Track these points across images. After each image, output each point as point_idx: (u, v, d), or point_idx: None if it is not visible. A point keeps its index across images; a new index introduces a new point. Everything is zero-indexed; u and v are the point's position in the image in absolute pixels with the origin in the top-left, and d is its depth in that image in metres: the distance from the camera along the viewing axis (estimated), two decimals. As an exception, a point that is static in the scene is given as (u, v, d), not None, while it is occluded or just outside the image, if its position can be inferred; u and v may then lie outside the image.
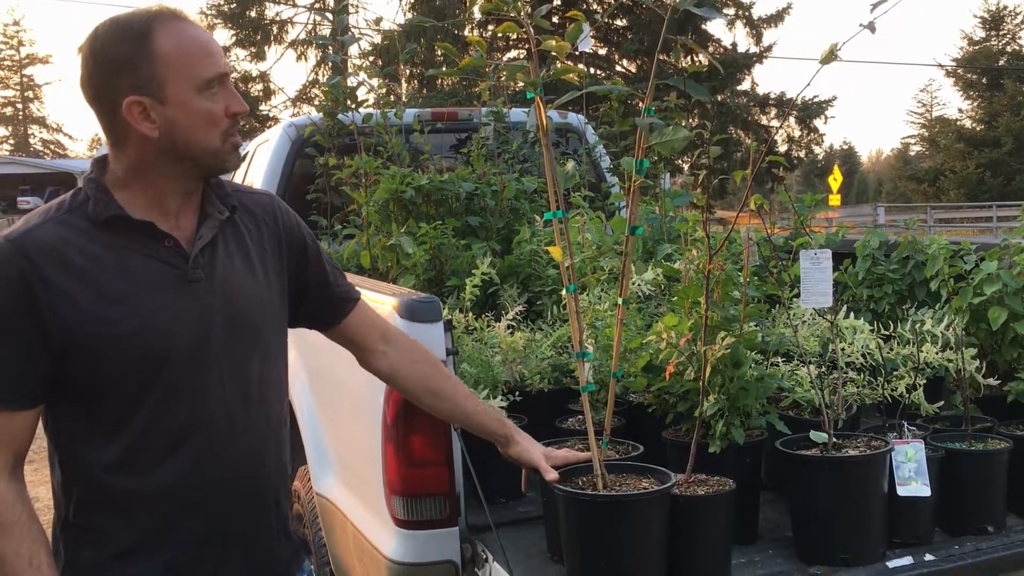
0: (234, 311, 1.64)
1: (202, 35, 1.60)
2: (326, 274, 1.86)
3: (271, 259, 1.74)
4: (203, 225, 1.64)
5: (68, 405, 1.58)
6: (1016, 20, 40.87)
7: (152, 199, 1.60)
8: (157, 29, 1.54)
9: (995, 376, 2.69)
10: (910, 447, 2.26)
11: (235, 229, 1.70)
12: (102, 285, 1.53)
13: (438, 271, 3.59)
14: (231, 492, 1.65)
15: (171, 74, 1.54)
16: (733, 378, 2.30)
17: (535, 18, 2.03)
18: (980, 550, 2.28)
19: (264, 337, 1.70)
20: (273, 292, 1.74)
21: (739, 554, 2.24)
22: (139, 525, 1.60)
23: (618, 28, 24.54)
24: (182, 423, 1.59)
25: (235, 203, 1.70)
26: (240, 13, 25.12)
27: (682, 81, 2.06)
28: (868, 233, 3.45)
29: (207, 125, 1.58)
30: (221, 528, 1.65)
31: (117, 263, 1.55)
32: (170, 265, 1.59)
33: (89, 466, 1.58)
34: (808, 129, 25.20)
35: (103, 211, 1.56)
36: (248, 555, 1.70)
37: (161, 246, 1.59)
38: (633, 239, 2.23)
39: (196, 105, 1.56)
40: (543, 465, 2.05)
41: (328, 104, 4.59)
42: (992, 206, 28.72)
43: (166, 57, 1.54)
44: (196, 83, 1.55)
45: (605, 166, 5.20)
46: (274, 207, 1.80)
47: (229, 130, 1.61)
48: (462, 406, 2.02)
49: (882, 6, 1.94)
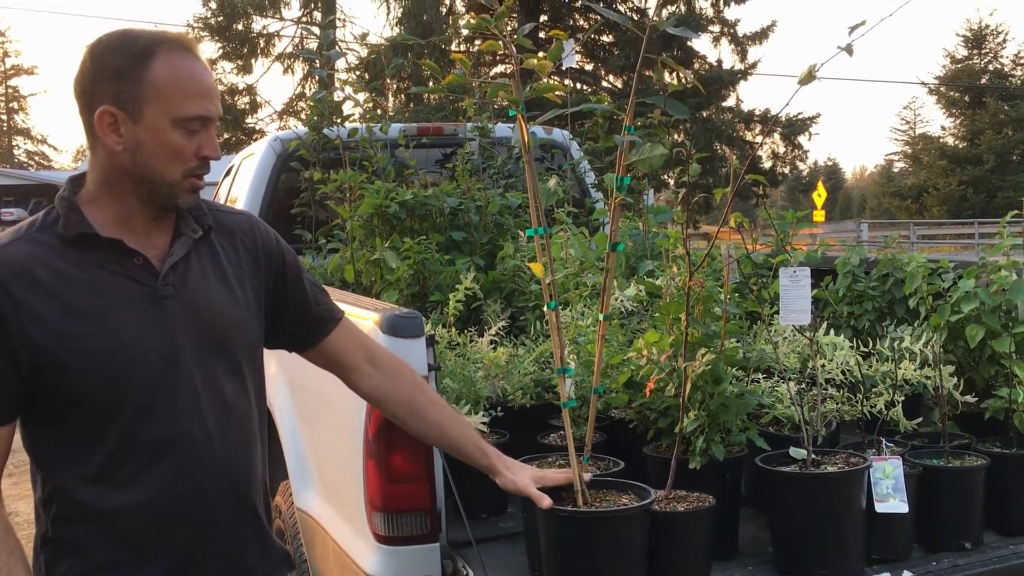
0: (205, 328, 1.64)
1: (202, 75, 1.60)
2: (306, 293, 1.85)
3: (248, 278, 1.74)
4: (175, 243, 1.65)
5: (43, 422, 1.58)
6: (998, 39, 41.35)
7: (121, 216, 1.61)
8: (160, 53, 1.56)
9: (973, 393, 2.71)
10: (888, 464, 2.27)
11: (210, 248, 1.70)
12: (70, 302, 1.54)
13: (421, 286, 3.60)
14: (209, 506, 1.65)
15: (154, 99, 1.55)
16: (713, 394, 2.32)
17: (518, 37, 2.04)
18: (957, 566, 2.30)
19: (237, 354, 1.70)
20: (249, 310, 1.73)
21: (719, 570, 2.24)
22: (117, 540, 1.60)
23: (604, 44, 24.68)
24: (157, 438, 1.59)
25: (211, 222, 1.71)
26: (227, 26, 25.12)
27: (661, 99, 2.08)
28: (848, 250, 3.48)
29: (171, 157, 1.57)
30: (200, 542, 1.65)
31: (86, 280, 1.56)
32: (139, 282, 1.59)
33: (67, 481, 1.58)
34: (792, 145, 25.39)
35: (72, 228, 1.57)
36: (228, 569, 1.69)
37: (130, 263, 1.60)
38: (615, 255, 2.25)
39: (167, 136, 1.56)
40: (534, 494, 2.00)
41: (313, 118, 4.60)
42: (974, 223, 28.96)
43: (156, 81, 1.55)
44: (175, 115, 1.56)
45: (590, 182, 5.22)
46: (252, 226, 1.80)
47: (193, 170, 1.60)
48: (447, 432, 1.99)
49: (859, 29, 1.97)
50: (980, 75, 40.75)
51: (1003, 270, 2.83)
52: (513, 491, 2.04)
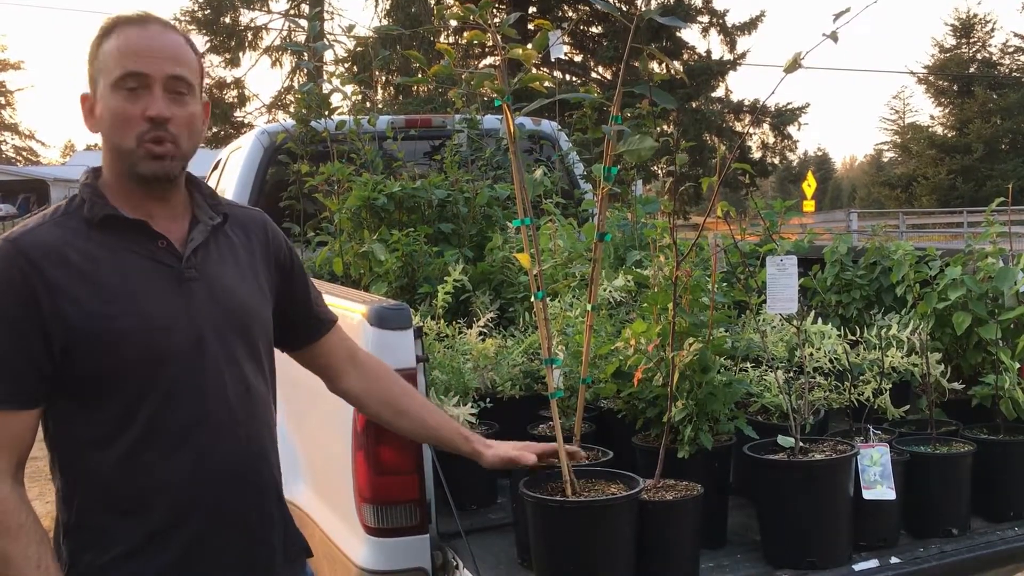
0: (226, 310, 1.67)
1: (149, 39, 1.59)
2: (307, 294, 1.90)
3: (261, 269, 1.79)
4: (194, 229, 1.68)
5: (70, 406, 1.59)
6: (986, 28, 41.45)
7: (135, 202, 1.63)
8: (116, 29, 1.59)
9: (960, 380, 2.72)
10: (875, 451, 2.28)
11: (227, 237, 1.74)
12: (102, 283, 1.56)
13: (410, 278, 3.60)
14: (235, 486, 1.66)
15: (103, 71, 1.58)
16: (701, 383, 2.32)
17: (502, 27, 2.04)
18: (945, 552, 2.31)
19: (256, 338, 1.73)
20: (264, 297, 1.77)
21: (707, 558, 2.25)
22: (143, 524, 1.60)
23: (594, 35, 24.64)
24: (183, 420, 1.60)
25: (226, 212, 1.75)
26: (214, 19, 24.95)
27: (648, 89, 2.08)
28: (836, 239, 3.49)
29: (121, 124, 1.57)
30: (225, 522, 1.66)
31: (114, 262, 1.58)
32: (165, 265, 1.62)
33: (92, 468, 1.59)
34: (782, 136, 25.39)
35: (98, 211, 1.59)
36: (252, 548, 1.71)
37: (155, 246, 1.62)
38: (602, 245, 2.25)
39: (109, 102, 1.57)
40: (516, 455, 2.06)
41: (301, 111, 4.58)
42: (963, 212, 29.04)
43: (105, 55, 1.58)
44: (112, 79, 1.57)
45: (579, 172, 5.22)
46: (264, 223, 1.85)
47: (144, 134, 1.57)
48: (429, 424, 2.03)
49: (844, 17, 1.97)
50: (968, 64, 40.84)
51: (989, 257, 2.84)
52: (500, 465, 2.08)
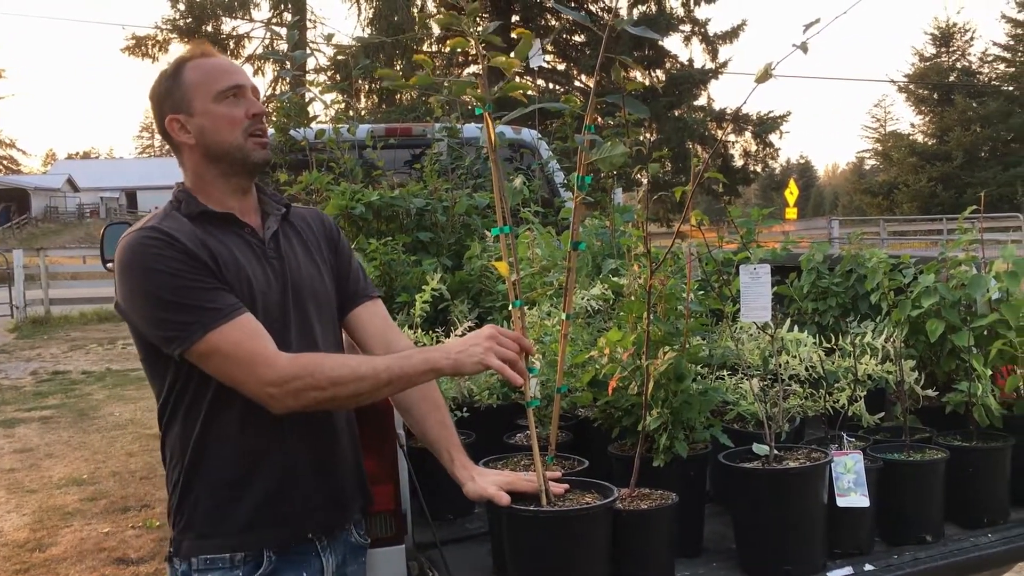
0: (299, 286, 2.00)
1: (221, 61, 2.01)
2: (350, 265, 2.20)
3: (325, 251, 2.13)
4: (268, 219, 2.04)
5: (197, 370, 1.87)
6: (965, 37, 41.85)
7: (218, 201, 1.97)
8: (186, 65, 1.98)
9: (934, 387, 2.74)
10: (849, 458, 2.29)
11: (292, 227, 2.10)
12: (219, 258, 1.87)
13: (388, 287, 3.59)
14: (330, 425, 2.01)
15: (194, 93, 1.96)
16: (676, 392, 2.32)
17: (484, 34, 2.04)
18: (919, 559, 2.32)
19: (321, 304, 2.05)
20: (325, 275, 2.10)
21: (683, 567, 2.25)
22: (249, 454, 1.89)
23: (576, 44, 24.73)
24: None
25: (287, 204, 2.10)
26: (196, 28, 24.87)
27: (620, 98, 2.09)
28: (813, 247, 3.50)
29: (229, 126, 1.95)
30: (322, 456, 1.98)
31: (221, 241, 1.91)
32: (252, 246, 1.97)
33: (213, 420, 1.88)
34: (764, 144, 25.55)
35: (195, 208, 1.94)
36: (341, 487, 2.03)
37: (244, 231, 1.98)
38: (577, 254, 2.25)
39: (216, 111, 1.95)
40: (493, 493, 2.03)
41: (280, 119, 4.58)
42: (943, 219, 29.26)
43: (190, 81, 1.96)
44: (213, 94, 1.95)
45: (559, 181, 5.23)
46: (319, 215, 2.23)
47: (250, 128, 1.96)
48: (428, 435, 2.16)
49: (815, 27, 1.98)
50: (948, 73, 41.24)
51: (963, 265, 2.86)
52: (478, 500, 2.07)
